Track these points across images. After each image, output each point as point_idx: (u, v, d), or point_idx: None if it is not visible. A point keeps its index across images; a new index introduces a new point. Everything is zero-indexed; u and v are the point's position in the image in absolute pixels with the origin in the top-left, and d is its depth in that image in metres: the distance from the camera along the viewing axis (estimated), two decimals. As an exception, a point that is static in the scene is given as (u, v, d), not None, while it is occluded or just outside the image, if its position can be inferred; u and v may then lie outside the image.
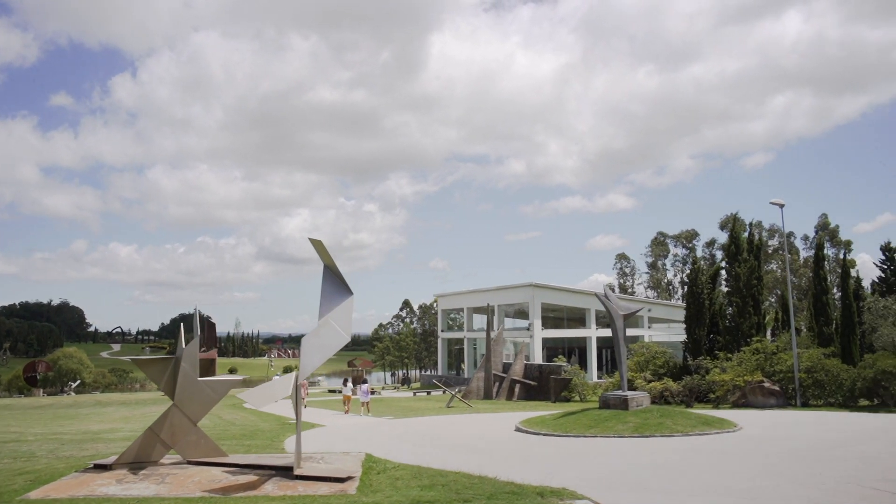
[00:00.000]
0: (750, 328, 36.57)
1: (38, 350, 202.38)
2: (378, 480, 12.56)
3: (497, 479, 12.78)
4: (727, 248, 39.48)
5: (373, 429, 25.76)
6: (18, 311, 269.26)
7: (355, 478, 12.59)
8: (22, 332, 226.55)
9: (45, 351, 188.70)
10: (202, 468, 13.73)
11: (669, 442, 19.20)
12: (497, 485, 12.22)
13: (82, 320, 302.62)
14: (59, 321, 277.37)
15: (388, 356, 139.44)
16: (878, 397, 27.95)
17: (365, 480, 12.45)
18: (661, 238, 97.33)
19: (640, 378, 36.30)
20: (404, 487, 11.91)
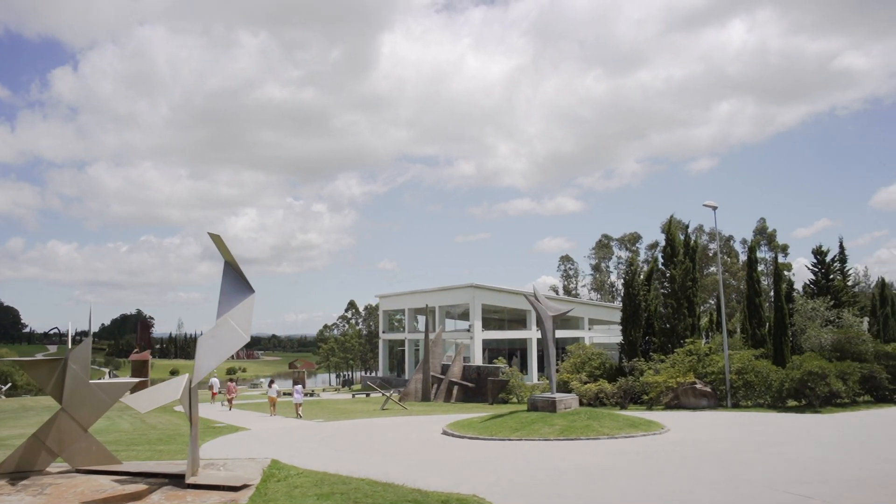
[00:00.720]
0: (685, 330, 36.67)
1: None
2: (275, 489, 11.84)
3: (404, 486, 12.22)
4: (663, 249, 39.61)
5: (297, 432, 24.97)
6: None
7: (251, 486, 11.85)
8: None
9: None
10: (90, 477, 12.83)
11: (594, 445, 18.85)
12: (401, 492, 11.63)
13: (17, 321, 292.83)
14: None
15: (333, 357, 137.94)
16: (805, 398, 28.16)
17: (261, 489, 11.72)
18: (605, 240, 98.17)
19: (575, 379, 36.11)
20: (300, 496, 11.23)
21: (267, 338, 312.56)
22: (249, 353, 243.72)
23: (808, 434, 20.37)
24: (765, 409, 28.96)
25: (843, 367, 28.46)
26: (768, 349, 38.30)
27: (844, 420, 24.24)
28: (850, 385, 28.22)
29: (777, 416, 26.08)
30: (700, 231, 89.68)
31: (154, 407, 12.41)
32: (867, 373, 29.10)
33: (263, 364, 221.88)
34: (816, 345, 31.40)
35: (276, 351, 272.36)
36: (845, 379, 28.12)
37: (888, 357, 29.77)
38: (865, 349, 30.17)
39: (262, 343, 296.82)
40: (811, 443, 18.50)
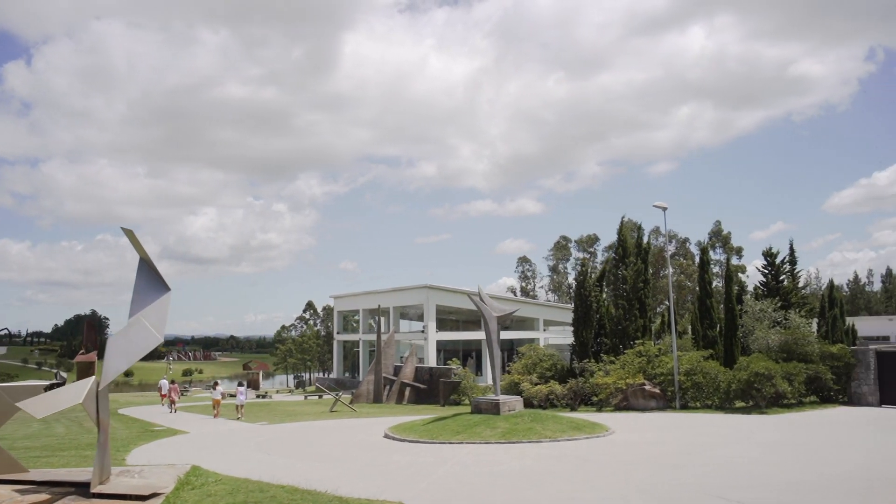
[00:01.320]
0: (636, 331, 36.59)
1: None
2: (187, 497, 11.21)
3: (325, 493, 11.70)
4: (615, 250, 39.53)
5: (237, 435, 24.20)
6: None
7: (161, 495, 11.19)
8: None
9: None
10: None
11: (535, 448, 18.46)
12: (321, 500, 11.09)
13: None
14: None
15: (290, 359, 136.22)
16: (752, 399, 28.20)
17: (171, 498, 11.08)
18: (563, 242, 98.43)
19: (526, 381, 35.80)
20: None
21: (225, 339, 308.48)
22: (206, 354, 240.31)
23: (750, 436, 20.24)
24: (713, 410, 28.92)
25: (789, 368, 28.56)
26: (719, 350, 38.48)
27: (788, 421, 24.23)
28: (795, 386, 28.31)
29: (723, 418, 26.02)
30: (656, 233, 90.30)
31: (52, 412, 11.68)
32: (812, 374, 29.23)
33: (220, 365, 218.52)
34: (764, 346, 31.49)
35: (235, 352, 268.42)
36: (791, 380, 28.21)
37: (833, 358, 29.93)
38: (811, 350, 30.31)
39: (221, 344, 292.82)
40: (752, 445, 18.33)
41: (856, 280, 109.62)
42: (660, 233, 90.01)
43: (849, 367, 29.71)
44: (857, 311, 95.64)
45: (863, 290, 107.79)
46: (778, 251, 41.79)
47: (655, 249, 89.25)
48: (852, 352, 30.13)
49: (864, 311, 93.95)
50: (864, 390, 29.28)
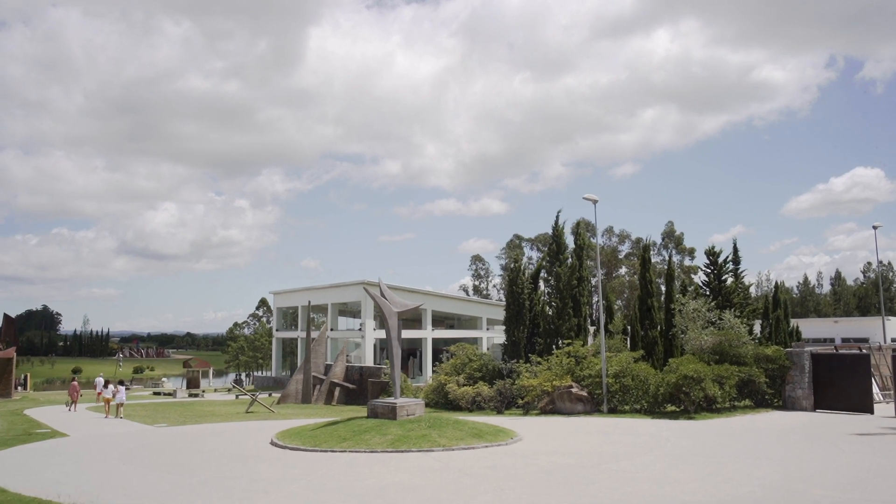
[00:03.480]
0: (569, 330, 34.93)
1: None
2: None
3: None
4: (549, 247, 37.82)
5: (114, 441, 21.82)
6: None
7: None
8: None
9: None
10: None
11: (420, 459, 16.48)
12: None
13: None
14: None
15: (242, 356, 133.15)
16: (681, 403, 26.57)
17: None
18: (516, 241, 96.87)
19: (452, 382, 33.91)
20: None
21: (181, 336, 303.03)
22: (160, 351, 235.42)
23: (664, 444, 18.51)
24: (641, 414, 27.25)
25: (720, 371, 26.97)
26: (659, 351, 37.00)
27: (713, 428, 22.57)
28: (727, 390, 26.72)
29: (647, 423, 24.32)
30: (610, 232, 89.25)
31: None
32: (746, 377, 27.72)
33: (173, 362, 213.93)
34: (697, 347, 29.91)
35: (190, 349, 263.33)
36: (722, 383, 26.62)
37: (768, 360, 28.44)
38: (745, 352, 28.80)
39: (176, 341, 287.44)
40: (662, 456, 16.56)
41: (805, 283, 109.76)
42: (613, 232, 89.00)
43: (783, 370, 28.27)
44: (806, 313, 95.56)
45: (812, 292, 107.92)
46: (721, 250, 40.50)
47: (608, 249, 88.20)
48: (787, 354, 28.68)
49: (813, 314, 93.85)
50: (799, 394, 27.84)
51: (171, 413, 34.14)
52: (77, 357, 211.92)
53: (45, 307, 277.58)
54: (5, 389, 52.02)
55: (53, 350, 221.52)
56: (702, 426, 23.02)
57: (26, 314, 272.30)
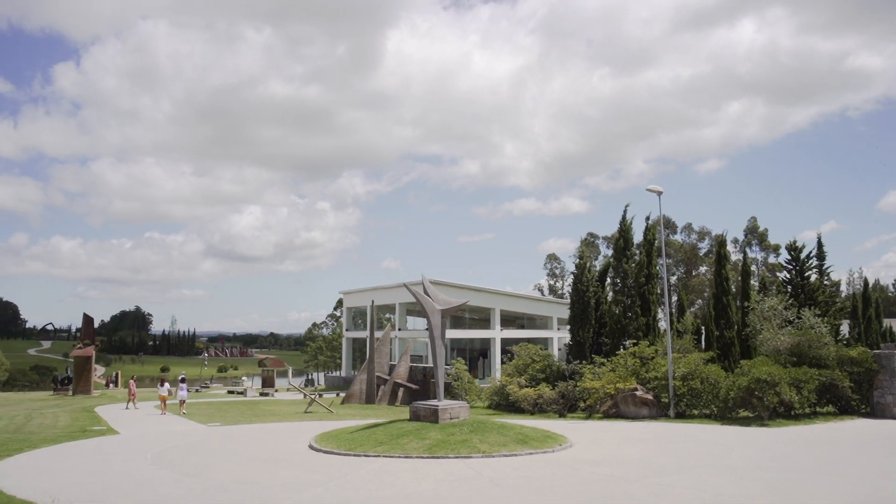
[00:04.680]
0: (637, 330, 33.13)
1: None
2: None
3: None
4: (615, 243, 36.03)
5: (161, 440, 21.51)
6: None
7: None
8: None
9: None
10: None
11: (457, 466, 15.35)
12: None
13: (16, 316, 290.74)
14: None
15: (321, 356, 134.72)
16: (753, 408, 24.57)
17: None
18: (591, 239, 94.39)
19: (513, 383, 32.65)
20: None
21: (265, 336, 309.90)
22: (243, 350, 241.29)
23: (727, 454, 16.85)
24: (711, 420, 25.37)
25: (797, 374, 24.78)
26: (735, 353, 34.78)
27: (788, 437, 20.63)
28: (805, 395, 24.55)
29: (714, 430, 22.53)
30: (689, 230, 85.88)
31: None
32: (826, 381, 25.43)
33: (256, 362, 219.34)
34: (773, 348, 27.70)
35: (273, 349, 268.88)
36: (800, 388, 24.47)
37: (853, 363, 26.01)
38: (826, 354, 26.42)
39: (260, 341, 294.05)
40: (719, 468, 14.96)
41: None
42: (692, 229, 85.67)
43: (870, 374, 25.80)
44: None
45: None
46: (804, 245, 37.85)
47: (687, 246, 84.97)
48: (874, 356, 26.20)
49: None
50: (889, 400, 25.35)
51: (231, 412, 34.05)
52: (165, 356, 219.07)
53: (138, 308, 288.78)
54: (85, 386, 53.38)
55: (143, 349, 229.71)
56: (774, 434, 21.12)
57: (120, 315, 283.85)
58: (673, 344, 31.02)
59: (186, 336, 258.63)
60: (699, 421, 25.27)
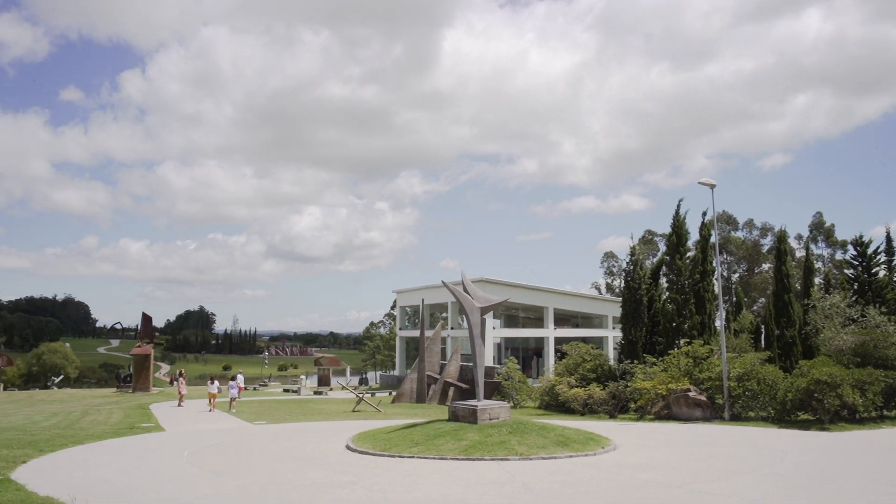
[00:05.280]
0: (691, 329, 32.04)
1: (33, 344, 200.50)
2: None
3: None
4: (668, 239, 34.92)
5: (203, 437, 21.53)
6: (24, 306, 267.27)
7: None
8: (20, 326, 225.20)
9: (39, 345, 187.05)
10: None
11: (491, 469, 14.82)
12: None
13: (87, 316, 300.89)
14: (64, 316, 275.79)
15: (378, 355, 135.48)
16: (813, 411, 23.34)
17: None
18: (648, 236, 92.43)
19: (563, 383, 31.92)
20: None
21: (325, 335, 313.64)
22: (303, 349, 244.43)
23: (780, 460, 15.90)
24: (767, 423, 24.23)
25: (860, 376, 23.42)
26: (797, 352, 33.39)
27: (848, 441, 19.49)
28: (870, 397, 23.21)
29: (770, 433, 21.46)
30: (751, 226, 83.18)
31: None
32: (894, 383, 24.03)
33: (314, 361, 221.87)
34: (836, 348, 26.33)
35: (333, 348, 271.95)
36: (864, 390, 23.14)
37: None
38: (893, 354, 25.02)
39: (320, 340, 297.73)
40: (768, 475, 14.07)
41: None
42: (754, 225, 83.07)
43: (942, 376, 24.31)
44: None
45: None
46: (871, 240, 36.12)
47: (749, 243, 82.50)
48: (947, 357, 24.68)
49: None
50: (962, 404, 23.87)
51: (280, 411, 34.14)
52: (227, 354, 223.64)
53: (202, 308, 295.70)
54: (144, 383, 54.45)
55: (206, 348, 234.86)
56: (834, 440, 19.97)
57: (185, 314, 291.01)
58: (729, 343, 29.88)
59: (247, 335, 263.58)
60: (755, 424, 24.17)
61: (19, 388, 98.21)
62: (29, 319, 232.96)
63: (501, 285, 56.51)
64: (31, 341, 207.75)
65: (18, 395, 60.65)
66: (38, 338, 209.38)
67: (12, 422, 29.09)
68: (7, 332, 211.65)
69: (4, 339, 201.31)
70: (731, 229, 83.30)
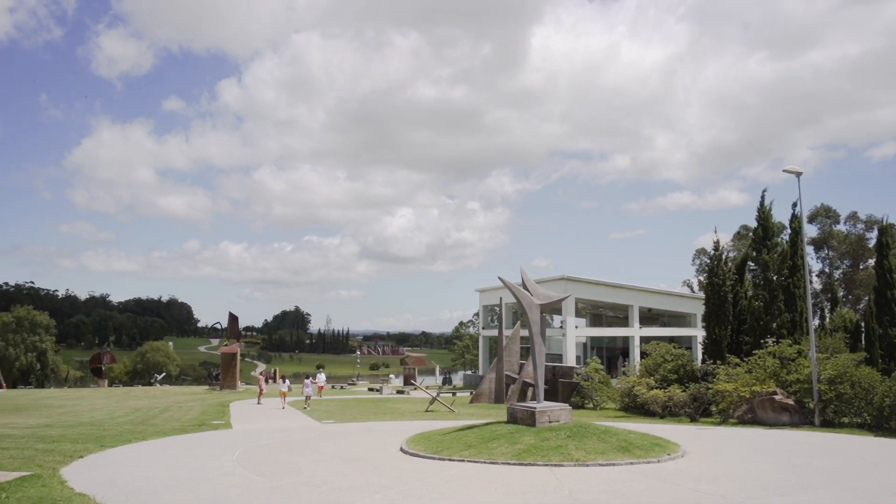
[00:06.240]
0: (780, 327, 30.04)
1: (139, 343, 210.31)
2: None
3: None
4: (754, 231, 32.90)
5: (263, 436, 21.44)
6: (132, 307, 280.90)
7: None
8: (128, 325, 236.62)
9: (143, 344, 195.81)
10: None
11: (541, 475, 13.93)
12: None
13: (190, 316, 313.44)
14: (168, 316, 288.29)
15: (468, 355, 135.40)
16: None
17: None
18: (744, 232, 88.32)
19: (642, 384, 30.55)
20: None
21: (417, 335, 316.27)
22: (394, 349, 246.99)
23: (866, 473, 14.38)
24: (863, 430, 22.37)
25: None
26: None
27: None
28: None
29: (865, 442, 19.69)
30: (854, 219, 78.33)
31: None
32: None
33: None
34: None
35: (424, 348, 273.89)
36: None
37: None
38: None
39: (412, 340, 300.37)
40: (847, 490, 12.67)
41: None
42: (858, 218, 78.26)
43: None
44: None
45: None
46: None
47: (852, 237, 77.88)
48: None
49: None
50: None
51: (353, 410, 34.03)
52: (321, 353, 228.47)
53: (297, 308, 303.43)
54: (231, 381, 55.63)
55: (301, 347, 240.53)
56: (935, 449, 18.10)
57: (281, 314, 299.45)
58: (822, 343, 27.90)
59: (340, 335, 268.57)
60: (849, 431, 22.34)
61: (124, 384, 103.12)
62: (136, 319, 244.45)
63: (583, 283, 55.05)
64: (137, 340, 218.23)
65: (117, 390, 63.29)
66: (144, 337, 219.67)
67: (94, 417, 29.97)
68: (116, 332, 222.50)
69: (114, 337, 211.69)
70: (832, 223, 78.80)
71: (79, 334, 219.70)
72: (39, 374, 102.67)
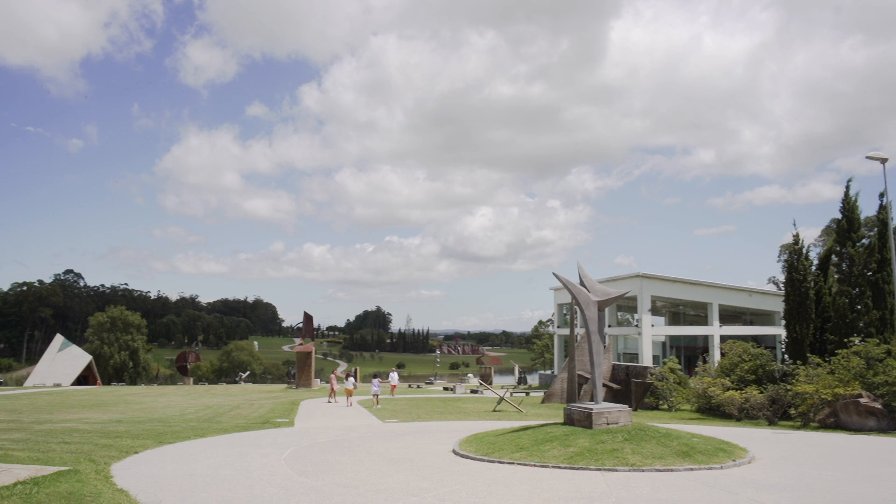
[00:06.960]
0: (868, 326, 28.24)
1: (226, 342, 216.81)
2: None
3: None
4: (838, 223, 31.04)
5: (320, 434, 21.35)
6: (219, 307, 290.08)
7: None
8: (216, 325, 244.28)
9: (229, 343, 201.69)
10: None
11: (590, 481, 13.22)
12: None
13: (275, 316, 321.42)
14: (254, 317, 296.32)
15: (546, 354, 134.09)
16: None
17: None
18: (833, 226, 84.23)
19: (716, 385, 29.21)
20: None
21: (497, 334, 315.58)
22: (475, 348, 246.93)
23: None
24: (958, 436, 20.67)
25: None
26: None
27: None
28: None
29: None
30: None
31: None
32: None
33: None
34: None
35: (504, 347, 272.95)
36: None
37: None
38: None
39: (492, 339, 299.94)
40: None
41: None
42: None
43: None
44: None
45: None
46: None
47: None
48: None
49: None
50: None
51: (421, 409, 33.76)
52: (401, 353, 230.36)
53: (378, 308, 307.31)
54: (306, 380, 56.39)
55: (381, 346, 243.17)
56: None
57: (363, 314, 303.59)
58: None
59: (421, 334, 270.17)
60: (942, 436, 20.67)
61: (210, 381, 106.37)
62: (223, 319, 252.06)
63: (659, 280, 53.38)
64: (224, 339, 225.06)
65: (199, 388, 65.10)
66: (231, 336, 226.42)
67: (165, 413, 30.59)
68: (205, 331, 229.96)
69: (202, 337, 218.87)
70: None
71: (169, 334, 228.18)
72: (132, 372, 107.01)
